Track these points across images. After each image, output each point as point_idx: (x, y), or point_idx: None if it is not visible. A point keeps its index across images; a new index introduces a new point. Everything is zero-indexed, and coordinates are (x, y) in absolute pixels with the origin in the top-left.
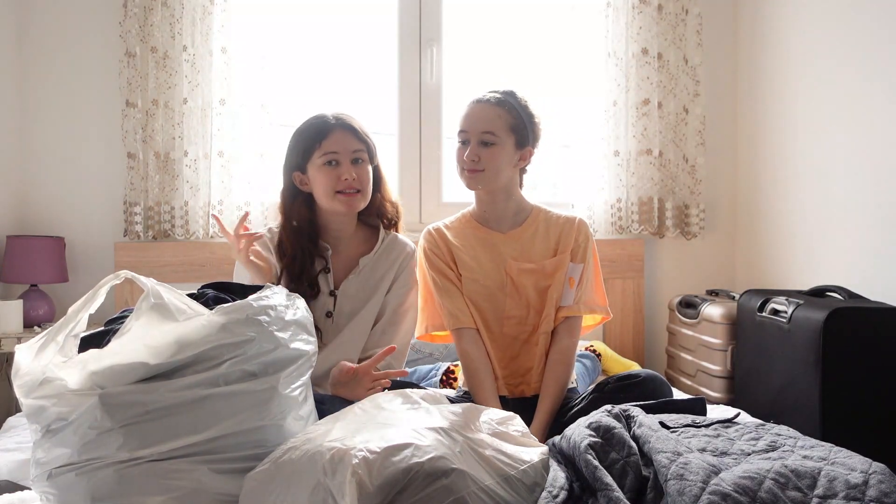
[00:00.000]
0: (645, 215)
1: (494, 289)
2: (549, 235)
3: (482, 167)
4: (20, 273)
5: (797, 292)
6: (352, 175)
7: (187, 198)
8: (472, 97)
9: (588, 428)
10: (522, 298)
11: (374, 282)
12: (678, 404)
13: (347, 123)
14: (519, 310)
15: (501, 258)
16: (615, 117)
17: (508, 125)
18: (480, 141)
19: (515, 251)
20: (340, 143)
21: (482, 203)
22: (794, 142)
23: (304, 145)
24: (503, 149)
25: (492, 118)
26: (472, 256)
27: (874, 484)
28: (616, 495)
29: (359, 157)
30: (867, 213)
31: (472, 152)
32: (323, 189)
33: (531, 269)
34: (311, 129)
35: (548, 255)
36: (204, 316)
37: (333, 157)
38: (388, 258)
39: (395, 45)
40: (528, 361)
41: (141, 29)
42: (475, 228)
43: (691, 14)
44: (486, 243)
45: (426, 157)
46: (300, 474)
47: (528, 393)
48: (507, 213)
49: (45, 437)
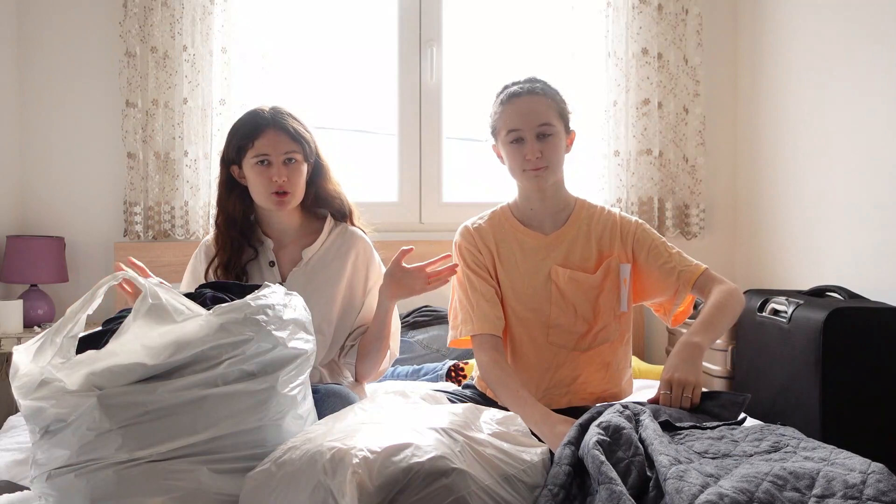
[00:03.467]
0: (645, 215)
1: (538, 296)
2: (591, 235)
3: (546, 163)
4: (20, 273)
5: (797, 292)
6: (282, 177)
7: (187, 198)
8: (503, 94)
9: (598, 427)
10: (569, 306)
11: (324, 275)
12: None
13: (281, 123)
14: (565, 317)
15: (545, 263)
16: (615, 117)
17: (557, 112)
18: (538, 134)
19: (560, 256)
20: (272, 143)
21: (530, 200)
22: (794, 142)
23: (238, 142)
24: (560, 138)
25: (543, 109)
26: (513, 261)
27: (872, 483)
28: (619, 489)
29: (291, 156)
30: (867, 213)
31: (534, 149)
32: (256, 188)
33: (581, 279)
34: (245, 127)
35: (591, 257)
36: (202, 316)
37: (265, 157)
38: (338, 251)
39: (395, 45)
40: (575, 370)
41: (141, 29)
42: (515, 230)
43: (691, 14)
44: (527, 247)
45: (426, 157)
46: (300, 474)
47: (576, 402)
48: (553, 210)
49: (44, 438)
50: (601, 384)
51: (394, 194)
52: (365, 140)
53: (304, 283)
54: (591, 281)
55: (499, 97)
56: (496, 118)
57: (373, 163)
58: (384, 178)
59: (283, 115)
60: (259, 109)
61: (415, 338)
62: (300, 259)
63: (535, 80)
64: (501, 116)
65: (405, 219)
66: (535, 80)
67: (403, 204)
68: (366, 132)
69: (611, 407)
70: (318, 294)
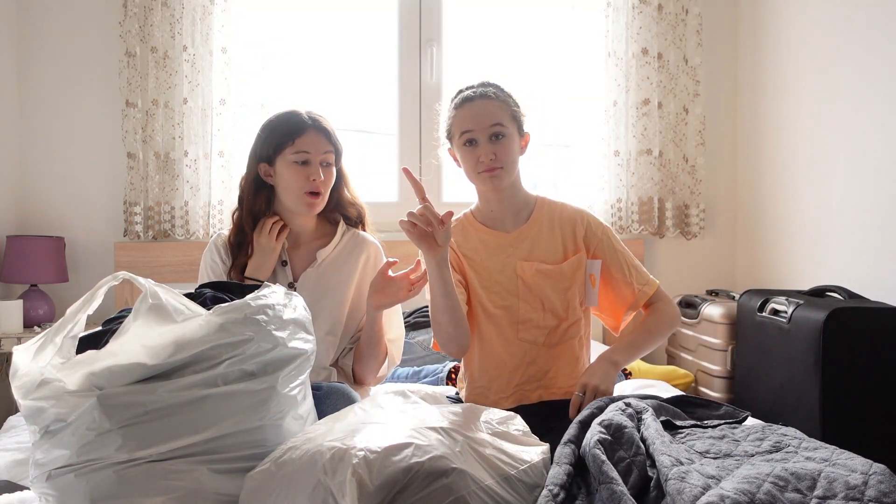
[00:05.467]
0: (645, 215)
1: (506, 293)
2: (555, 230)
3: (500, 164)
4: (20, 273)
5: (797, 292)
6: (320, 177)
7: (187, 198)
8: (457, 98)
9: (600, 425)
10: (536, 300)
11: (335, 278)
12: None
13: (322, 126)
14: (534, 312)
15: (510, 261)
16: (615, 117)
17: (510, 114)
18: (491, 136)
19: (524, 251)
20: (314, 143)
21: (490, 202)
22: (794, 142)
23: (278, 139)
24: (512, 140)
25: (495, 111)
26: (480, 262)
27: (873, 484)
28: (619, 489)
29: (327, 159)
30: (867, 213)
31: (488, 150)
32: (290, 186)
33: (548, 270)
34: (288, 124)
35: (556, 251)
36: (202, 316)
37: (306, 156)
38: (350, 255)
39: (395, 45)
40: (546, 365)
41: (141, 29)
42: (478, 231)
43: (691, 14)
44: (491, 246)
45: (426, 157)
46: (300, 474)
47: (546, 397)
48: (513, 210)
49: (44, 438)
50: (571, 378)
51: (394, 194)
52: (365, 140)
53: (316, 284)
54: (559, 272)
55: (452, 101)
56: (450, 122)
57: (373, 163)
58: (384, 178)
59: (323, 118)
60: (297, 111)
61: (415, 338)
62: (313, 260)
63: (488, 85)
64: (455, 120)
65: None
66: (488, 84)
67: (403, 204)
68: (366, 132)
69: (613, 404)
70: (330, 297)
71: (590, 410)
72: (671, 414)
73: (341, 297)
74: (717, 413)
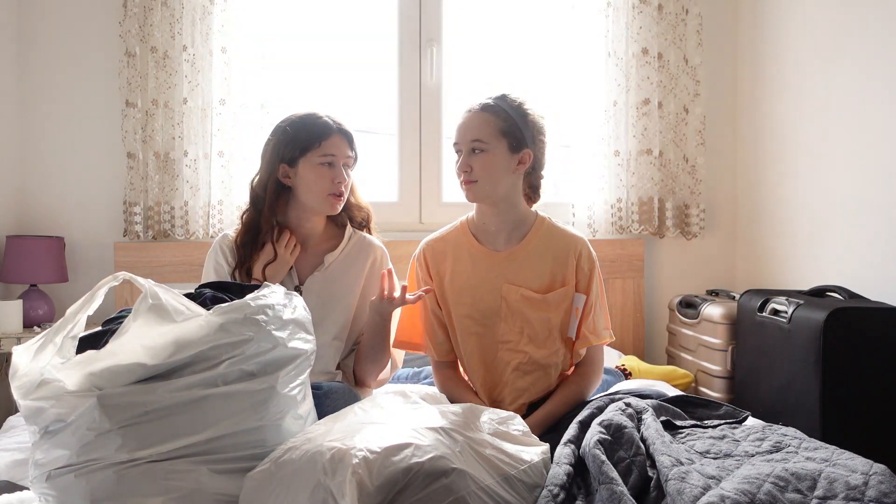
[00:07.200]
0: (645, 215)
1: (489, 312)
2: (546, 257)
3: (475, 177)
4: (20, 273)
5: (797, 292)
6: (345, 179)
7: (187, 198)
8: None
9: (600, 426)
10: (517, 322)
11: (341, 282)
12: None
13: (346, 130)
14: (513, 334)
15: (497, 281)
16: (615, 117)
17: (498, 129)
18: (470, 149)
19: (511, 273)
20: (339, 146)
21: (483, 215)
22: (794, 141)
23: (304, 142)
24: (495, 155)
25: (478, 125)
26: (465, 277)
27: (874, 485)
28: (619, 489)
29: (349, 163)
30: (867, 213)
31: (464, 162)
32: (313, 188)
33: (533, 298)
34: (314, 127)
35: (543, 279)
36: (202, 316)
37: (332, 159)
38: (356, 259)
39: (395, 45)
40: (521, 388)
41: (141, 29)
42: (469, 245)
43: (691, 14)
44: (480, 264)
45: (426, 157)
46: (300, 474)
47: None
48: (506, 227)
49: (44, 438)
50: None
51: (394, 194)
52: (365, 140)
53: (322, 287)
54: (544, 301)
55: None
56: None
57: (373, 163)
58: (384, 178)
59: (344, 123)
60: (318, 114)
61: None
62: (320, 263)
63: (497, 97)
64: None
65: (405, 219)
66: (499, 96)
67: (403, 204)
68: (366, 132)
69: (612, 404)
70: (337, 300)
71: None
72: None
73: (349, 301)
74: (717, 413)
